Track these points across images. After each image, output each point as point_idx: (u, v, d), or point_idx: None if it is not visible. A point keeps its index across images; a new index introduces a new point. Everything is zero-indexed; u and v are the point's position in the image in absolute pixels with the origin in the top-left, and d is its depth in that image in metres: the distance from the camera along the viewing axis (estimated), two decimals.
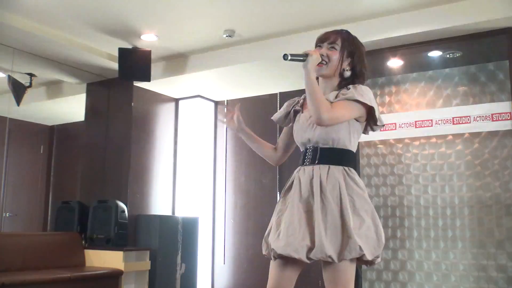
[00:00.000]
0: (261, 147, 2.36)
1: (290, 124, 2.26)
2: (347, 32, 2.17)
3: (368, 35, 4.33)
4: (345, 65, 2.11)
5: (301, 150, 2.16)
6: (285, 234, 1.94)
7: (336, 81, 2.13)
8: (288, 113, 2.25)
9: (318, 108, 1.93)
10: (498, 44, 4.15)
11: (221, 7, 4.23)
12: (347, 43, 2.12)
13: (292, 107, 2.24)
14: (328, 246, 1.87)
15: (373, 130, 2.20)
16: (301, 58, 1.96)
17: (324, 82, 2.13)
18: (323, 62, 2.06)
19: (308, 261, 1.92)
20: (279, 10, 4.26)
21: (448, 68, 4.78)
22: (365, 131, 2.18)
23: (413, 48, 4.38)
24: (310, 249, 1.89)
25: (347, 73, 2.11)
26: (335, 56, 2.08)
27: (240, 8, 4.24)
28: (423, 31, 4.11)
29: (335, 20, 4.38)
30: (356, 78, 2.13)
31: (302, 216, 1.96)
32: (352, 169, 2.05)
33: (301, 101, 2.23)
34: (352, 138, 2.08)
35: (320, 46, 2.12)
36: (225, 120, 2.32)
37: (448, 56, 4.50)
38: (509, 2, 3.79)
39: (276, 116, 2.31)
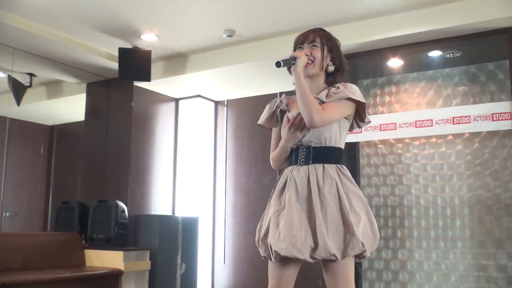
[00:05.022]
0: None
1: (278, 125, 2.24)
2: (323, 29, 2.22)
3: (368, 35, 4.33)
4: (328, 60, 2.15)
5: (290, 149, 2.15)
6: (287, 235, 1.93)
7: (322, 78, 2.17)
8: (273, 114, 2.24)
9: (309, 110, 1.97)
10: (498, 44, 4.15)
11: (221, 7, 4.23)
12: (326, 39, 2.16)
13: (276, 107, 2.23)
14: (331, 244, 1.90)
15: (359, 126, 2.23)
16: (292, 62, 2.01)
17: (311, 82, 2.14)
18: (309, 61, 2.10)
19: (312, 261, 1.94)
20: (279, 10, 4.26)
21: (448, 68, 4.79)
22: (351, 129, 2.21)
23: (413, 48, 4.38)
24: (313, 249, 1.92)
25: (331, 68, 2.16)
26: (319, 53, 2.12)
27: (240, 8, 4.24)
28: (423, 31, 4.11)
29: (335, 20, 4.38)
30: (338, 71, 2.18)
31: (301, 216, 1.97)
32: (344, 167, 2.09)
33: (285, 100, 2.23)
34: (342, 136, 2.12)
35: (300, 48, 2.16)
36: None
37: (448, 56, 4.50)
38: (509, 2, 3.79)
39: (262, 119, 2.27)
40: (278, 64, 1.99)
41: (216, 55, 5.13)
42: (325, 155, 2.06)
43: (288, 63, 2.01)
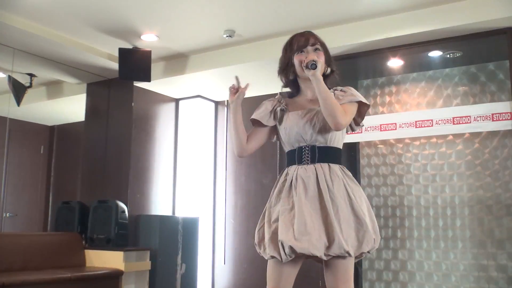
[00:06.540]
0: (240, 130, 2.19)
1: (272, 124, 2.23)
2: (313, 32, 2.23)
3: (368, 35, 4.33)
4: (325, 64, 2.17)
5: (290, 149, 2.16)
6: (303, 233, 1.94)
7: None
8: (270, 113, 2.23)
9: (335, 114, 1.99)
10: (498, 44, 4.15)
11: (221, 7, 4.23)
12: (321, 42, 2.19)
13: (275, 106, 2.23)
14: (344, 242, 1.93)
15: (353, 130, 2.26)
16: (316, 66, 2.02)
17: (305, 83, 2.19)
18: None
19: (325, 258, 1.96)
20: (279, 10, 4.26)
21: (448, 68, 4.79)
22: (346, 132, 2.24)
23: (413, 48, 4.38)
24: (327, 247, 1.94)
25: (328, 70, 2.19)
26: (323, 58, 2.14)
27: (240, 8, 4.24)
28: (423, 31, 4.11)
29: (335, 20, 4.38)
30: (331, 74, 2.21)
31: (313, 215, 1.99)
32: (345, 167, 2.13)
33: (283, 101, 2.24)
34: (343, 137, 2.17)
35: (302, 52, 2.14)
36: (231, 88, 2.24)
37: (448, 56, 4.50)
38: (509, 2, 3.79)
39: (259, 115, 2.22)
40: (314, 66, 2.00)
41: (216, 55, 5.13)
42: (329, 154, 2.10)
43: (314, 68, 2.02)
